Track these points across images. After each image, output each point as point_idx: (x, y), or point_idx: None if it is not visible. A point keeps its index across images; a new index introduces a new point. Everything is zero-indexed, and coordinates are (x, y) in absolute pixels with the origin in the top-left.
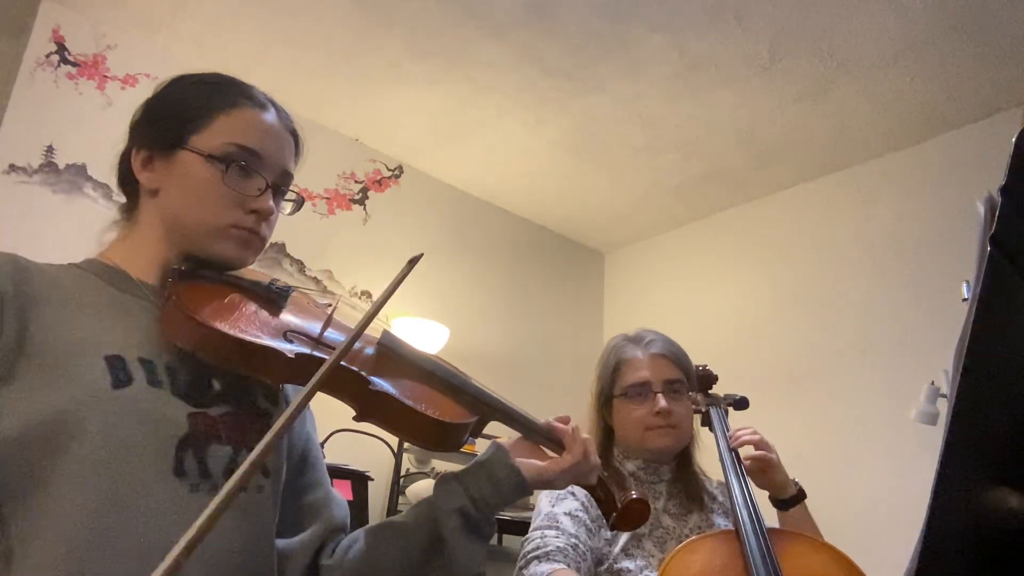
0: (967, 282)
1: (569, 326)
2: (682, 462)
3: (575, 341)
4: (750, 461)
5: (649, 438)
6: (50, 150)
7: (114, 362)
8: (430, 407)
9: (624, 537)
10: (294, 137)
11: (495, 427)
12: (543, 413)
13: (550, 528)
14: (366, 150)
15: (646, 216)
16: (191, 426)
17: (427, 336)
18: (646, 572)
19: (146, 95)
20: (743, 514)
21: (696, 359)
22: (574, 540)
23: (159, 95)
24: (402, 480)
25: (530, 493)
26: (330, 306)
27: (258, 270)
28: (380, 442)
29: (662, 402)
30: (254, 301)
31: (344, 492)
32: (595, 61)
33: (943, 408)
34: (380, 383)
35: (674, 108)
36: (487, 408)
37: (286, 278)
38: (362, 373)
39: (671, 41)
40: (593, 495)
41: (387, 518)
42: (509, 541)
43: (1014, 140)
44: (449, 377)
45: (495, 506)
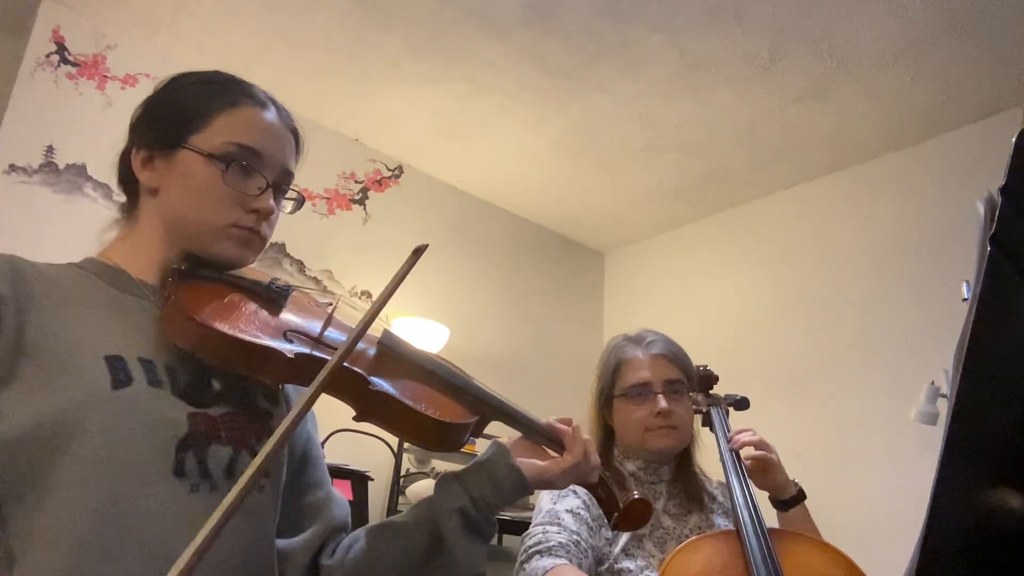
0: (967, 282)
1: (569, 326)
2: (682, 462)
3: (575, 341)
4: (750, 461)
5: (649, 439)
6: (50, 150)
7: (114, 362)
8: (430, 407)
9: (624, 537)
10: (295, 135)
11: (496, 427)
12: (543, 413)
13: (552, 524)
14: (366, 150)
15: (646, 216)
16: (191, 426)
17: (427, 336)
18: (646, 572)
19: (146, 95)
20: (744, 514)
21: (696, 359)
22: (576, 537)
23: (159, 94)
24: (402, 480)
25: (531, 493)
26: (330, 305)
27: (258, 269)
28: (380, 442)
29: (663, 403)
30: (254, 301)
31: (344, 492)
32: (595, 61)
33: (943, 408)
34: (380, 383)
35: (674, 108)
36: (488, 408)
37: (286, 278)
38: (362, 373)
39: (671, 41)
40: (594, 495)
41: (387, 518)
42: (509, 541)
43: (1014, 140)
44: (450, 377)
45: (495, 506)
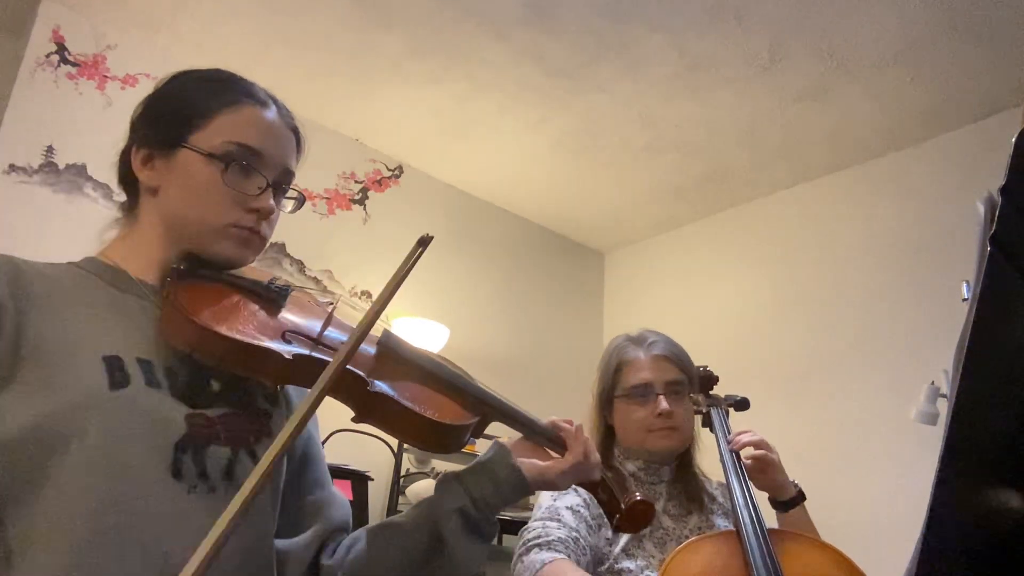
0: (967, 282)
1: (569, 326)
2: (682, 463)
3: (575, 341)
4: (751, 461)
5: (650, 439)
6: (50, 150)
7: (112, 362)
8: (429, 409)
9: (624, 537)
10: (295, 135)
11: (497, 428)
12: (543, 413)
13: (551, 520)
14: (366, 150)
15: (646, 216)
16: (189, 427)
17: (427, 336)
18: (646, 572)
19: (146, 95)
20: (744, 515)
21: (696, 360)
22: (575, 534)
23: (159, 92)
24: (402, 480)
25: (531, 493)
26: (331, 305)
27: (258, 269)
28: (380, 442)
29: (664, 403)
30: (253, 301)
31: (344, 492)
32: (595, 61)
33: (943, 408)
34: (379, 385)
35: (674, 108)
36: (488, 409)
37: (286, 278)
38: (362, 374)
39: (671, 41)
40: (596, 497)
41: (387, 518)
42: (509, 541)
43: (1014, 140)
44: (450, 378)
45: (496, 506)
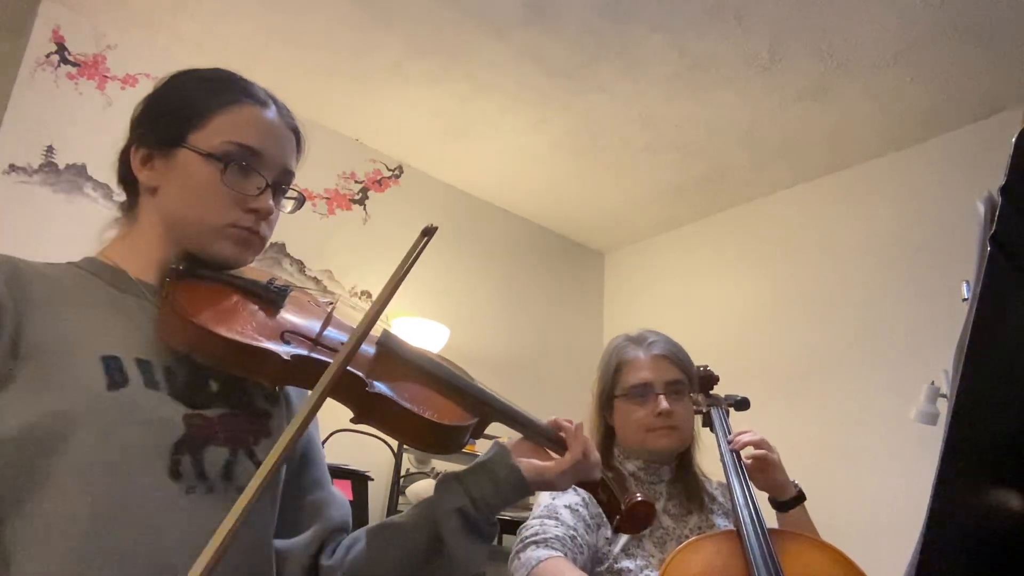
0: (967, 282)
1: (569, 326)
2: (682, 463)
3: (575, 341)
4: (751, 460)
5: (650, 439)
6: (50, 150)
7: (110, 363)
8: (429, 409)
9: (624, 537)
10: (295, 134)
11: (497, 428)
12: (543, 413)
13: (549, 518)
14: (366, 150)
15: (646, 216)
16: (188, 427)
17: (427, 336)
18: (646, 572)
19: (146, 94)
20: (744, 514)
21: (697, 359)
22: (572, 532)
23: (159, 92)
24: (402, 480)
25: (531, 493)
26: (331, 305)
27: (258, 268)
28: (380, 442)
29: (664, 403)
30: (252, 301)
31: (344, 492)
32: (595, 61)
33: (943, 408)
34: (378, 385)
35: (674, 108)
36: (488, 409)
37: (286, 278)
38: (361, 375)
39: (671, 41)
40: (596, 497)
41: (387, 518)
42: (509, 541)
43: (1014, 140)
44: (449, 378)
45: (495, 506)
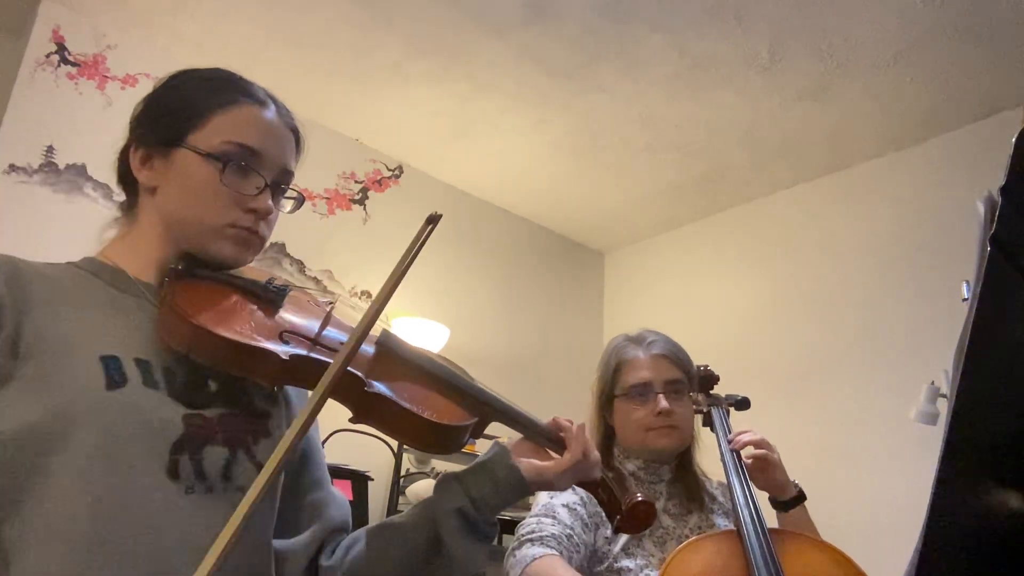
0: (967, 282)
1: (569, 326)
2: (683, 462)
3: (575, 341)
4: (751, 460)
5: (650, 438)
6: (50, 150)
7: (109, 362)
8: (428, 409)
9: (624, 536)
10: (295, 134)
11: (497, 428)
12: (543, 413)
13: (546, 516)
14: (366, 150)
15: (646, 216)
16: (187, 427)
17: (427, 336)
18: (646, 571)
19: (145, 94)
20: (744, 514)
21: (697, 359)
22: (568, 531)
23: (158, 91)
24: (402, 480)
25: (531, 493)
26: (330, 305)
27: (257, 268)
28: (380, 442)
29: (663, 402)
30: (251, 301)
31: (344, 492)
32: (595, 61)
33: (943, 408)
34: (377, 385)
35: (674, 108)
36: (488, 409)
37: (286, 278)
38: (360, 375)
39: (671, 41)
40: (596, 497)
41: (387, 518)
42: (509, 541)
43: (1014, 140)
44: (449, 378)
45: (495, 507)
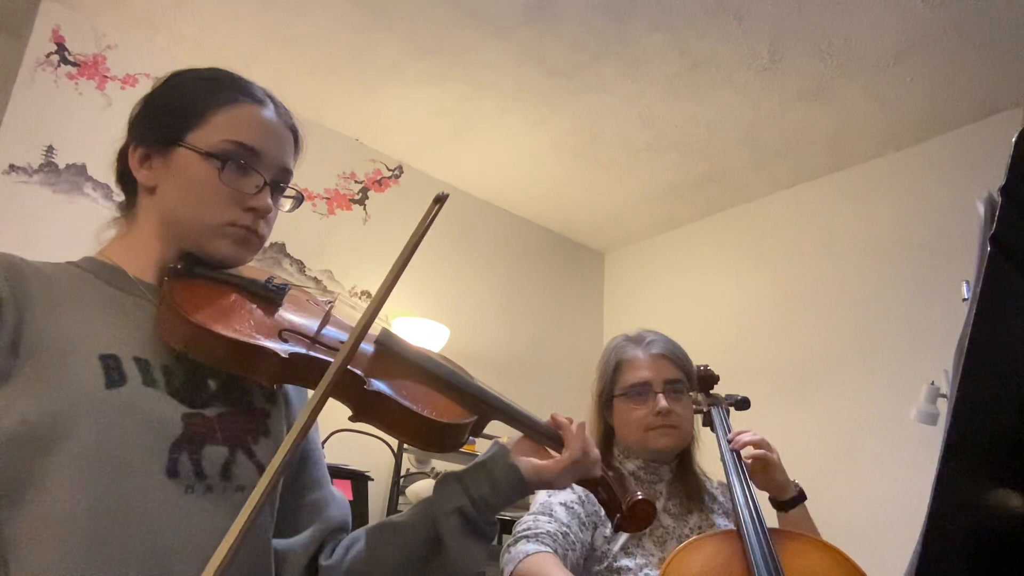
0: (967, 282)
1: (569, 326)
2: (683, 462)
3: (575, 341)
4: (751, 460)
5: (650, 438)
6: (50, 150)
7: (108, 361)
8: (428, 407)
9: (623, 536)
10: (293, 133)
11: (498, 428)
12: (543, 413)
13: (543, 514)
14: (366, 150)
15: (646, 216)
16: (186, 426)
17: (427, 336)
18: (646, 571)
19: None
20: (745, 514)
21: (697, 359)
22: (564, 529)
23: (157, 91)
24: (402, 480)
25: (530, 492)
26: (330, 303)
27: (257, 267)
28: (380, 442)
29: (663, 402)
30: (250, 300)
31: (344, 492)
32: (596, 60)
33: (943, 408)
34: (377, 383)
35: (674, 108)
36: (487, 407)
37: (286, 278)
38: (359, 373)
39: (671, 41)
40: (596, 496)
41: (387, 518)
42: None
43: (1014, 140)
44: (448, 376)
45: (495, 506)
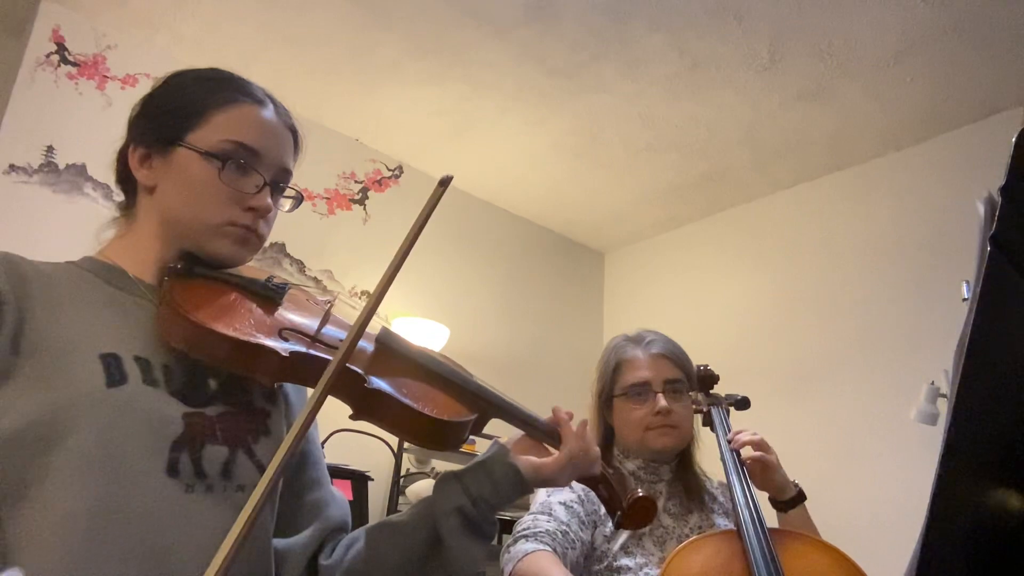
0: (967, 282)
1: (569, 326)
2: (683, 462)
3: (575, 341)
4: (750, 461)
5: (649, 438)
6: (50, 150)
7: (109, 360)
8: (428, 405)
9: (624, 535)
10: (293, 133)
11: (498, 427)
12: (543, 413)
13: (543, 514)
14: (366, 150)
15: (646, 216)
16: (187, 426)
17: (427, 336)
18: (645, 570)
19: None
20: (745, 514)
21: (697, 359)
22: (564, 527)
23: (157, 91)
24: (402, 480)
25: (530, 491)
26: (329, 303)
27: (256, 267)
28: (380, 442)
29: (662, 402)
30: (250, 299)
31: (344, 492)
32: (596, 60)
33: (943, 408)
34: (377, 381)
35: (675, 108)
36: (487, 405)
37: (286, 278)
38: (359, 371)
39: (671, 41)
40: (597, 494)
41: (386, 517)
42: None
43: (1014, 140)
44: (448, 374)
45: (495, 505)
